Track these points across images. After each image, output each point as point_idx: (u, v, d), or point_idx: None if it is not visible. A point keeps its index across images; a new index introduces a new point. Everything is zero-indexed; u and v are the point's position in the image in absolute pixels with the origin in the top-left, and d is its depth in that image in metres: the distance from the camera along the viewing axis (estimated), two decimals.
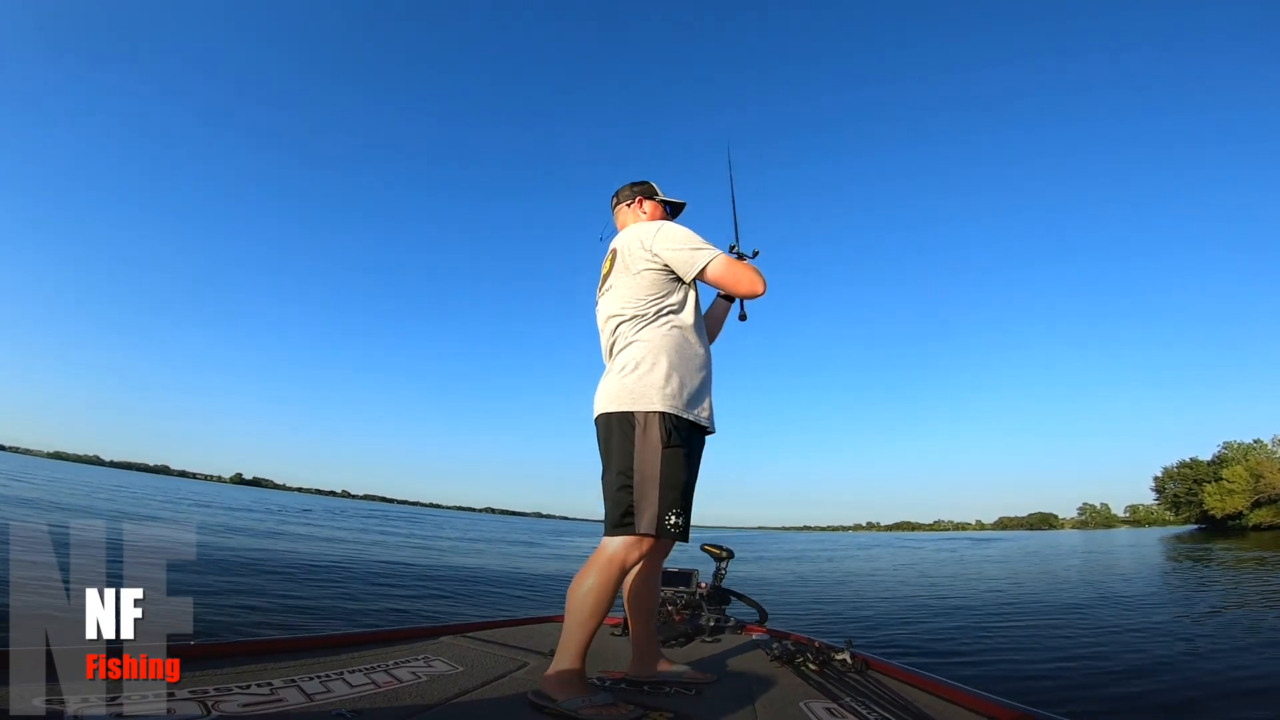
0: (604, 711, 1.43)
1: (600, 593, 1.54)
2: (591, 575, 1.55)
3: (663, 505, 1.58)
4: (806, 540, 52.17)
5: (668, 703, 1.62)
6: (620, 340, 1.77)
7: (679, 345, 1.73)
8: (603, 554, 1.59)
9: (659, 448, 1.60)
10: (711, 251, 1.75)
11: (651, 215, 2.02)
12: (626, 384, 1.67)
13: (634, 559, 1.60)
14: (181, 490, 40.27)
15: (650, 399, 1.64)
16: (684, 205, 2.11)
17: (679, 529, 1.61)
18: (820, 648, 2.12)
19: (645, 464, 1.60)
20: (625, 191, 2.07)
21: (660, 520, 1.58)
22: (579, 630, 1.53)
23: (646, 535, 1.58)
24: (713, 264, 1.74)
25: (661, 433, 1.61)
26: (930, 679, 1.87)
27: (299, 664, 1.66)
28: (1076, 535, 66.42)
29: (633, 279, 1.77)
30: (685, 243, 1.76)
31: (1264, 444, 50.02)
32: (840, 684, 1.84)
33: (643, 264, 1.76)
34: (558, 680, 1.50)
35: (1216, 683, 3.89)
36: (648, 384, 1.65)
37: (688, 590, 2.82)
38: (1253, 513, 45.92)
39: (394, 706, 1.40)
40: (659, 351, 1.69)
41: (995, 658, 4.54)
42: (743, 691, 1.78)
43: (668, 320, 1.75)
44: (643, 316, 1.75)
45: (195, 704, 1.25)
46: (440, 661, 1.85)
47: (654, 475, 1.59)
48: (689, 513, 1.67)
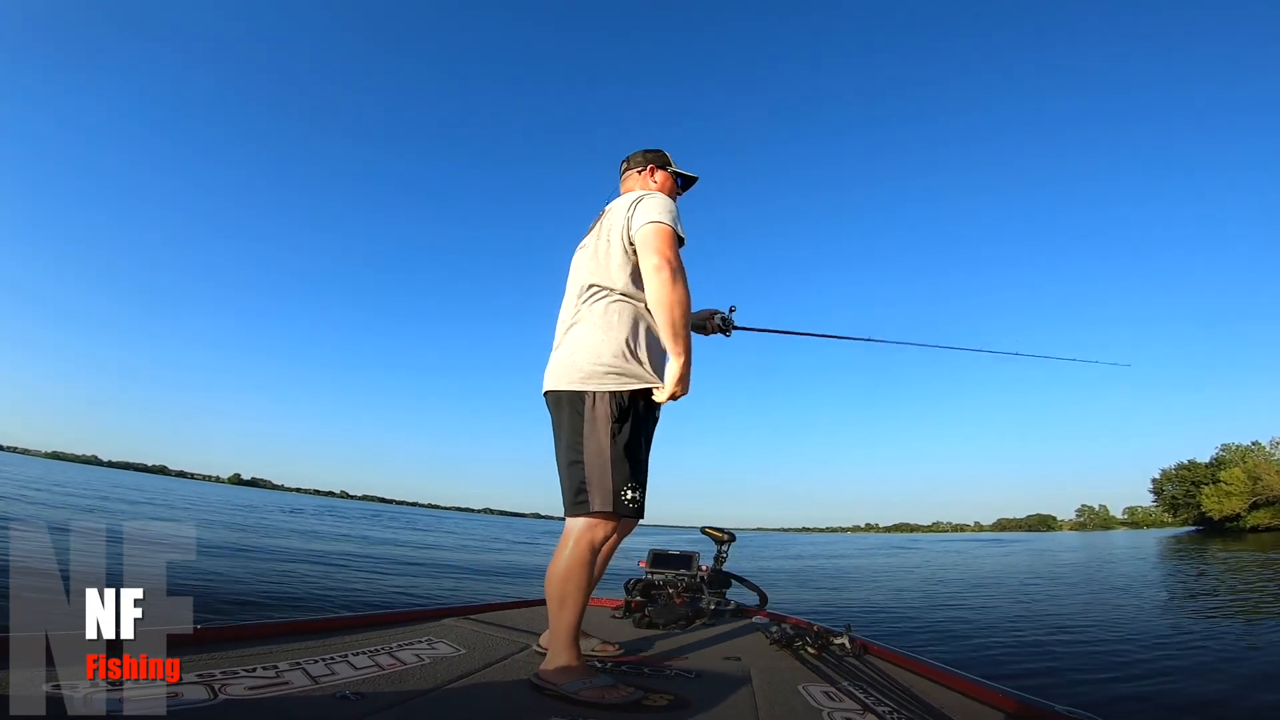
0: (605, 693, 1.44)
1: (575, 576, 1.54)
2: (564, 560, 1.55)
3: (616, 481, 1.55)
4: (808, 541, 52.13)
5: (667, 685, 1.64)
6: (580, 312, 1.71)
7: (635, 322, 1.67)
8: (569, 537, 1.58)
9: (609, 422, 1.57)
10: (660, 218, 1.63)
11: (661, 186, 1.94)
12: (577, 361, 1.63)
13: (602, 537, 1.59)
14: (175, 491, 40.16)
15: (601, 378, 1.60)
16: (696, 179, 2.03)
17: (636, 504, 1.58)
18: (819, 632, 2.14)
19: (596, 440, 1.57)
20: (637, 158, 1.99)
21: (616, 496, 1.55)
22: (561, 613, 1.54)
23: (602, 513, 1.55)
24: (650, 224, 1.62)
25: (612, 408, 1.58)
26: (928, 664, 1.89)
27: (303, 647, 1.67)
28: (1075, 537, 66.38)
29: (606, 245, 1.71)
30: (658, 206, 1.65)
31: (1262, 446, 50.01)
32: (839, 668, 1.86)
33: (618, 231, 1.69)
34: (556, 665, 1.51)
35: (1215, 684, 3.92)
36: (599, 362, 1.61)
37: (689, 573, 2.84)
38: (1250, 515, 45.90)
39: (398, 689, 1.41)
40: (613, 328, 1.64)
41: (1009, 654, 4.56)
42: (742, 674, 1.80)
43: (630, 295, 1.68)
44: (605, 290, 1.69)
45: (202, 687, 1.26)
46: (444, 644, 1.87)
47: (605, 450, 1.56)
48: (645, 487, 1.64)
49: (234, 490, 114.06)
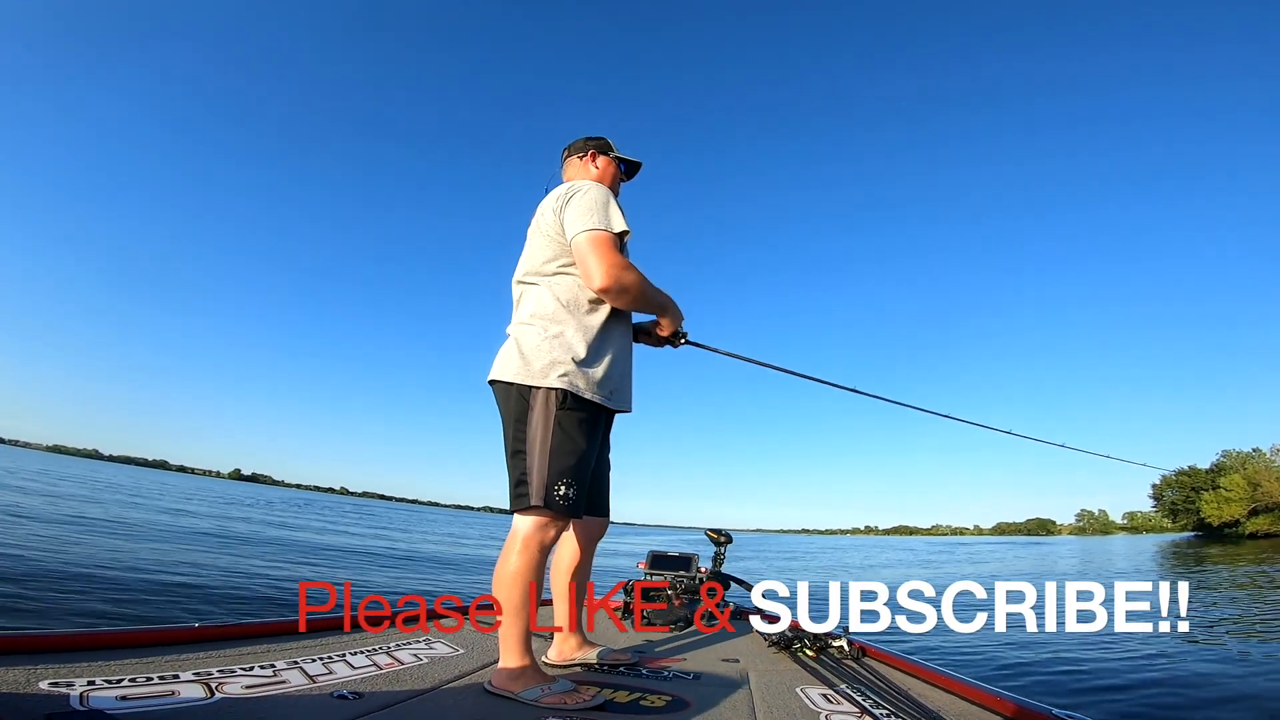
0: (565, 699, 1.41)
1: (524, 577, 1.47)
2: (512, 559, 1.49)
3: (551, 474, 1.49)
4: (808, 543, 52.04)
5: (666, 686, 1.64)
6: (523, 305, 1.67)
7: (583, 316, 1.62)
8: (516, 536, 1.51)
9: (554, 414, 1.53)
10: (595, 223, 1.57)
11: (603, 172, 1.88)
12: (526, 354, 1.57)
13: (550, 537, 1.53)
14: (171, 485, 40.06)
15: (547, 375, 1.54)
16: (640, 165, 1.98)
17: (568, 501, 1.51)
18: (817, 634, 2.13)
19: (538, 430, 1.52)
20: (579, 144, 1.93)
21: (549, 490, 1.48)
22: (515, 618, 1.47)
23: (538, 507, 1.49)
24: (581, 235, 1.57)
25: (556, 402, 1.53)
26: (925, 666, 1.89)
27: (301, 645, 1.68)
28: (1075, 541, 66.39)
29: (542, 240, 1.67)
30: (585, 209, 1.59)
31: (1262, 453, 50.11)
32: (836, 670, 1.86)
33: (550, 228, 1.65)
34: (508, 674, 1.45)
35: (1209, 687, 3.92)
36: (545, 357, 1.55)
37: (687, 575, 2.84)
38: (1249, 521, 45.97)
39: (395, 688, 1.41)
40: (559, 322, 1.59)
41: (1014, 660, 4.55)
42: (740, 676, 1.80)
43: (572, 288, 1.63)
44: (548, 281, 1.64)
45: (199, 686, 1.26)
46: (441, 644, 1.88)
47: (545, 442, 1.51)
48: (583, 486, 1.56)
49: (232, 485, 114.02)
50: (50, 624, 3.52)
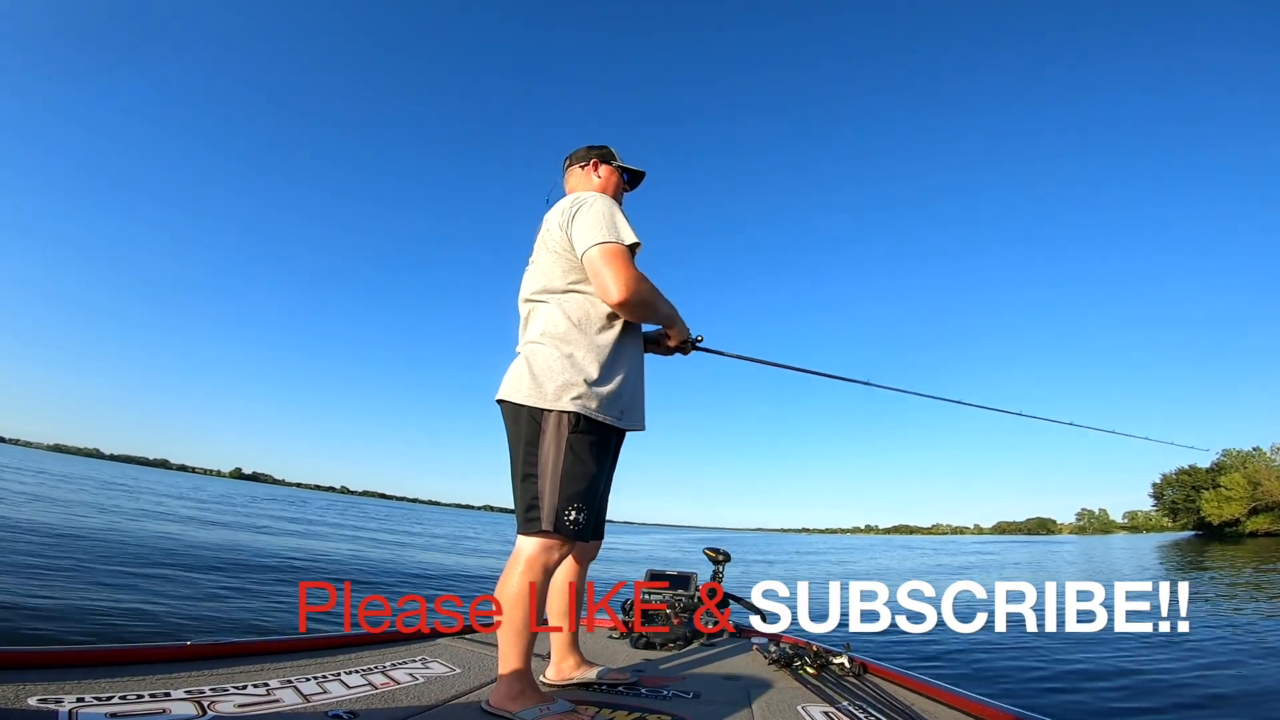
0: (564, 719, 1.39)
1: (525, 597, 1.46)
2: (514, 579, 1.47)
3: (562, 499, 1.48)
4: (807, 542, 52.09)
5: (665, 705, 1.62)
6: (533, 323, 1.64)
7: (594, 335, 1.58)
8: (520, 557, 1.49)
9: (566, 438, 1.50)
10: (606, 236, 1.54)
11: (605, 181, 1.84)
12: (537, 375, 1.54)
13: (555, 560, 1.51)
14: (167, 484, 39.79)
15: (560, 398, 1.51)
16: (643, 174, 1.94)
17: (578, 526, 1.50)
18: (818, 651, 2.12)
19: (549, 454, 1.50)
20: (580, 153, 1.88)
21: (559, 515, 1.47)
22: (515, 638, 1.45)
23: (548, 532, 1.48)
24: (593, 249, 1.53)
25: (569, 425, 1.51)
26: (928, 683, 1.87)
27: (295, 664, 1.66)
28: (1077, 541, 66.45)
29: (549, 256, 1.64)
30: (594, 222, 1.56)
31: (1262, 452, 50.12)
32: (838, 688, 1.84)
33: (558, 244, 1.62)
34: (508, 693, 1.43)
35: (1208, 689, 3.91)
36: (557, 378, 1.52)
37: (686, 594, 2.82)
38: (1250, 520, 46.04)
39: (390, 708, 1.39)
40: (571, 342, 1.56)
41: None
42: (740, 695, 1.78)
43: (584, 306, 1.60)
44: (558, 298, 1.61)
45: (191, 704, 1.25)
46: (438, 663, 1.85)
47: (557, 466, 1.49)
48: (593, 510, 1.56)
49: (232, 484, 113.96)
50: (39, 641, 3.43)
